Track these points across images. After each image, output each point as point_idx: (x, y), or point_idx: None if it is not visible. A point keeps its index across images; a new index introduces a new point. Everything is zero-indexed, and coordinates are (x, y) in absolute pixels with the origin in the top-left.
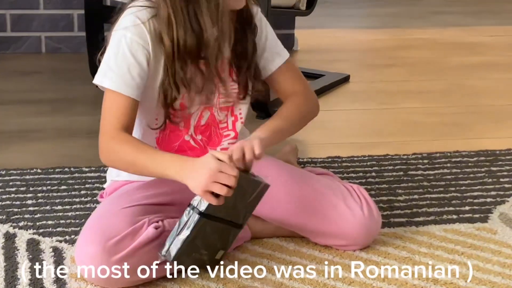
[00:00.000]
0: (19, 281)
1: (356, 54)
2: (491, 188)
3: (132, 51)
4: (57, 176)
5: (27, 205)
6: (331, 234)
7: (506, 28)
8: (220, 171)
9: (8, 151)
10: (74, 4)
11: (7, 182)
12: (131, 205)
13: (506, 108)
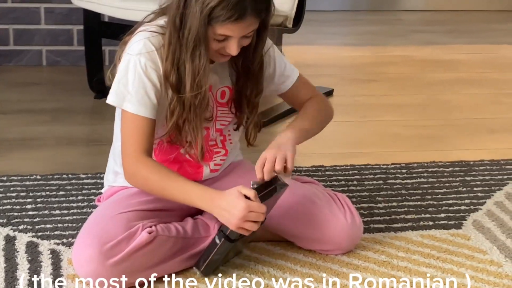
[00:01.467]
0: (18, 281)
1: (339, 69)
2: (465, 196)
3: (147, 75)
4: (56, 182)
5: (26, 210)
6: (315, 239)
7: (478, 47)
8: (250, 211)
9: (9, 158)
10: (74, 20)
11: (8, 188)
12: (126, 210)
13: (479, 122)
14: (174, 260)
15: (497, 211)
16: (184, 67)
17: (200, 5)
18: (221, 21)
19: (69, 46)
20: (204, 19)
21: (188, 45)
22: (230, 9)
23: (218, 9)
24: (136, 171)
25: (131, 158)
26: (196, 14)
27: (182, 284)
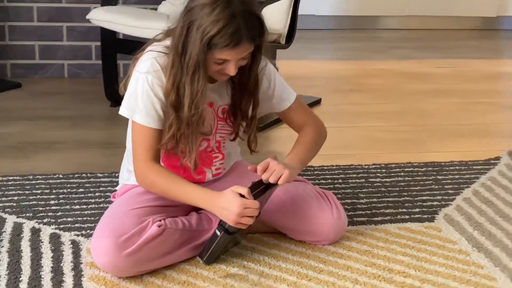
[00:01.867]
0: (43, 268)
1: (327, 81)
2: (437, 193)
3: (154, 91)
4: (76, 181)
5: (50, 205)
6: (305, 231)
7: (450, 61)
8: (245, 207)
9: (34, 159)
10: (92, 37)
11: (34, 185)
12: (138, 206)
13: (450, 127)
14: (181, 250)
15: (466, 206)
16: (184, 88)
17: (200, 34)
18: (219, 48)
19: (88, 60)
20: (204, 46)
21: (188, 69)
22: (227, 38)
23: (217, 37)
24: (145, 176)
25: (141, 164)
26: (196, 42)
27: (188, 271)
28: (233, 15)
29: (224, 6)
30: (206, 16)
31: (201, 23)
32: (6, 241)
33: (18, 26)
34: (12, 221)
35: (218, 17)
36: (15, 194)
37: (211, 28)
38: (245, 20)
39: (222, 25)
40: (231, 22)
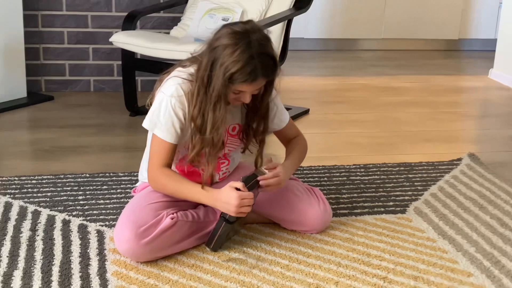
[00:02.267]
0: (72, 253)
1: (314, 94)
2: (408, 189)
3: (175, 112)
4: (100, 179)
5: (78, 200)
6: (296, 222)
7: (418, 77)
8: (242, 198)
9: (65, 161)
10: (114, 57)
11: (64, 183)
12: (154, 201)
13: (419, 133)
14: (190, 239)
15: (432, 200)
16: (208, 114)
17: (223, 70)
18: (238, 83)
19: (110, 76)
20: (225, 81)
21: (211, 99)
22: (245, 75)
23: (237, 74)
24: (157, 179)
25: (154, 170)
26: (219, 77)
27: (196, 256)
28: (251, 56)
29: (244, 48)
30: (228, 56)
31: (223, 61)
32: (41, 231)
33: (51, 48)
34: (46, 214)
35: (238, 58)
36: (49, 191)
37: (232, 66)
38: (261, 61)
39: (242, 65)
40: (250, 62)
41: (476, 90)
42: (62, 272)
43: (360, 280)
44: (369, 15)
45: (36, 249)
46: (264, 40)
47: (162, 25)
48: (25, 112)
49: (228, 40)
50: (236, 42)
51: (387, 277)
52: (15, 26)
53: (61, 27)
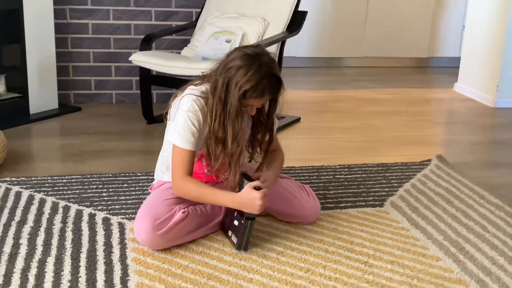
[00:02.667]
0: (97, 242)
1: (304, 104)
2: (385, 186)
3: (193, 123)
4: (121, 178)
5: (102, 196)
6: (290, 214)
7: (395, 90)
8: (265, 195)
9: (91, 163)
10: (133, 73)
11: (90, 182)
12: (168, 198)
13: (394, 138)
14: (200, 230)
15: (406, 196)
16: (228, 128)
17: (238, 89)
18: (248, 98)
19: (130, 90)
20: (240, 97)
21: (230, 115)
22: (256, 92)
23: (249, 92)
24: (182, 187)
25: (179, 179)
26: (235, 95)
27: (204, 244)
28: (262, 77)
29: (256, 69)
30: (242, 76)
31: (238, 80)
32: (70, 223)
33: (79, 66)
34: (75, 208)
35: (251, 77)
36: (77, 189)
37: (245, 85)
38: (269, 80)
39: (254, 83)
40: (260, 82)
41: (443, 101)
42: (88, 259)
43: (344, 264)
44: (352, 36)
45: (66, 239)
46: (272, 63)
47: (174, 46)
48: (57, 121)
49: (241, 62)
50: (249, 63)
51: (368, 262)
52: (48, 48)
53: (88, 48)
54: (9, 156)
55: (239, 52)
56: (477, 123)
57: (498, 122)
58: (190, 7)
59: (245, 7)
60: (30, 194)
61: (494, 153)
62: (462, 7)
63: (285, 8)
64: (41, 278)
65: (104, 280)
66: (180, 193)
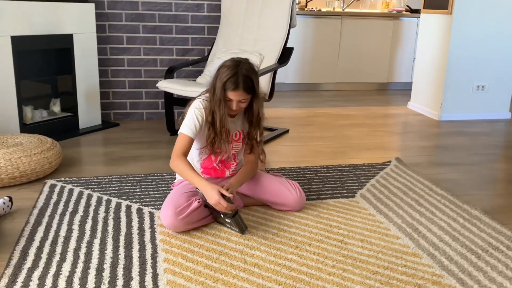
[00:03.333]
0: (133, 227)
1: (291, 119)
2: (356, 182)
3: (197, 117)
4: (151, 178)
5: (136, 192)
6: (281, 204)
7: (361, 107)
8: (218, 203)
9: (126, 166)
10: (159, 96)
11: (127, 181)
12: (187, 191)
13: (362, 145)
14: (210, 216)
15: (372, 189)
16: (216, 113)
17: (220, 82)
18: (227, 89)
19: (157, 110)
20: (222, 87)
21: (216, 101)
22: (231, 84)
23: (227, 83)
24: (175, 161)
25: (175, 155)
26: (219, 85)
27: (215, 228)
28: (236, 73)
29: (233, 68)
30: (223, 73)
31: (221, 76)
32: (111, 213)
33: (117, 91)
34: (115, 202)
35: (229, 73)
36: (116, 186)
37: (225, 78)
38: (243, 78)
39: (229, 77)
40: (234, 76)
41: (399, 116)
42: (126, 240)
43: (325, 242)
44: (327, 66)
45: (108, 225)
46: (249, 69)
47: (191, 75)
48: (100, 134)
49: (225, 64)
50: (230, 65)
51: (343, 240)
52: (94, 77)
53: (124, 77)
54: (63, 162)
55: (228, 60)
56: (425, 132)
57: (442, 132)
58: (203, 45)
59: (246, 44)
60: (80, 190)
61: (439, 155)
62: (413, 43)
63: (277, 45)
64: (89, 256)
65: (138, 257)
66: (172, 165)
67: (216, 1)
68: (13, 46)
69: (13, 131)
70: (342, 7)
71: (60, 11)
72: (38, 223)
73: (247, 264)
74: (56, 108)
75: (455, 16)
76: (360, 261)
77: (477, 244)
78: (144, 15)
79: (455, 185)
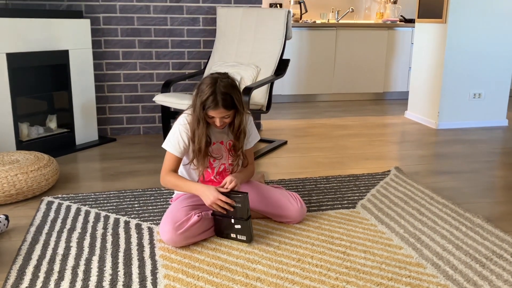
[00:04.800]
0: (132, 243)
1: (289, 130)
2: (356, 192)
3: (181, 135)
4: (149, 193)
5: (134, 207)
6: (282, 216)
7: (358, 118)
8: (218, 199)
9: (125, 181)
10: (156, 111)
11: (125, 196)
12: (185, 205)
13: (360, 154)
14: (210, 230)
15: (373, 199)
16: (195, 131)
17: (199, 102)
18: (207, 108)
19: (154, 124)
20: (200, 106)
21: (195, 121)
22: (209, 103)
23: (206, 102)
24: (165, 177)
25: (164, 172)
26: (198, 104)
27: (215, 242)
28: (213, 92)
29: (210, 87)
30: (203, 91)
31: (200, 95)
32: (110, 229)
33: (113, 106)
34: (113, 217)
35: (207, 92)
36: (114, 202)
37: (203, 97)
38: (221, 96)
39: (207, 96)
40: (212, 95)
41: (397, 125)
42: (125, 256)
43: (327, 254)
44: (323, 78)
45: (107, 241)
46: (227, 86)
47: (187, 89)
48: (97, 149)
49: (204, 81)
50: (208, 83)
51: (346, 252)
52: (90, 93)
53: (120, 92)
54: (60, 178)
55: (207, 77)
56: (423, 141)
57: (440, 140)
58: (199, 58)
59: (242, 57)
60: (78, 207)
61: (438, 163)
62: (408, 53)
63: (273, 57)
64: (88, 273)
65: (138, 273)
66: (163, 182)
67: (212, 14)
68: (8, 63)
69: (9, 148)
70: (336, 19)
71: (55, 27)
72: (35, 241)
73: (249, 279)
74: (53, 124)
75: (450, 24)
76: (363, 272)
77: (481, 252)
78: (140, 30)
79: (456, 193)
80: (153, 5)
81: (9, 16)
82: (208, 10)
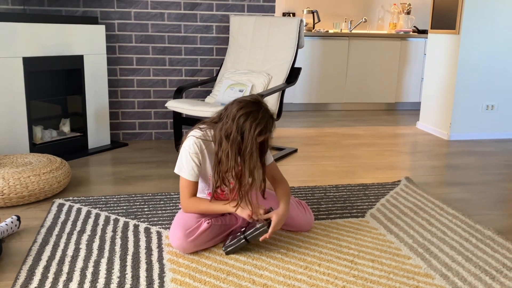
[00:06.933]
0: (140, 247)
1: (300, 139)
2: (365, 201)
3: (193, 159)
4: (159, 197)
5: (144, 211)
6: (290, 225)
7: (369, 127)
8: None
9: (135, 186)
10: (168, 116)
11: (135, 200)
12: None
13: (371, 164)
14: (220, 236)
15: (382, 208)
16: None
17: (253, 131)
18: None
19: (165, 129)
20: (255, 137)
21: (248, 153)
22: (266, 130)
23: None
24: (189, 205)
25: (186, 199)
26: (251, 135)
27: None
28: (269, 118)
29: (263, 113)
30: (254, 119)
31: (251, 123)
32: (119, 232)
33: (126, 111)
34: (123, 221)
35: (262, 120)
36: (124, 205)
37: (258, 126)
38: (272, 120)
39: (265, 124)
40: (269, 122)
41: (408, 136)
42: (133, 260)
43: (335, 262)
44: (335, 87)
45: (116, 244)
46: (267, 107)
47: (199, 95)
48: (109, 154)
49: (248, 109)
50: (256, 109)
51: (353, 260)
52: (103, 98)
53: (133, 98)
54: (72, 181)
55: (240, 103)
56: (435, 152)
57: (451, 151)
58: (211, 65)
59: (254, 65)
60: (88, 210)
61: (449, 174)
62: (421, 63)
63: (285, 65)
64: (96, 275)
65: (146, 276)
66: (188, 210)
67: (225, 22)
68: (24, 67)
69: (23, 150)
70: (349, 29)
71: (71, 32)
72: (46, 242)
73: (255, 285)
74: (66, 128)
75: (463, 35)
76: (371, 281)
77: (491, 265)
78: (154, 37)
79: (466, 205)
80: (167, 12)
81: (27, 21)
82: (222, 18)
